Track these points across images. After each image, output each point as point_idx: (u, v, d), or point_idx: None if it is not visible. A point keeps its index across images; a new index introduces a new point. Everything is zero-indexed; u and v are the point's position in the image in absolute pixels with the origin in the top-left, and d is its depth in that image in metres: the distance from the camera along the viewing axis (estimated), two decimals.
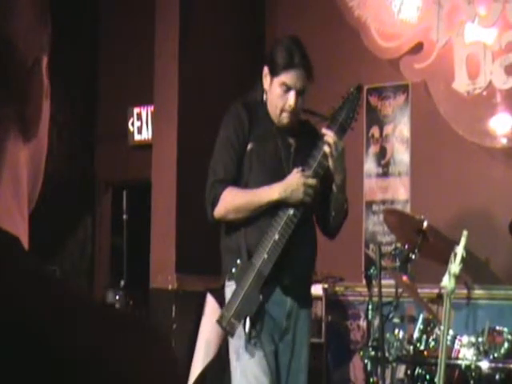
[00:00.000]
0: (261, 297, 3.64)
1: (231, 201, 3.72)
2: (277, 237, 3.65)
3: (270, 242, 3.64)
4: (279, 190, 3.68)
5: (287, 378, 3.76)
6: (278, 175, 3.74)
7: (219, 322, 3.66)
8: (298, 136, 3.84)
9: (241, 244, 3.72)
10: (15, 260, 0.77)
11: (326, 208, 3.82)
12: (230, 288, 3.73)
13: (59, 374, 0.71)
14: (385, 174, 5.94)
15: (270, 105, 3.80)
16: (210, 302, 5.53)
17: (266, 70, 3.79)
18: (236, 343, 3.69)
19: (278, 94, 3.75)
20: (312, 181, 3.71)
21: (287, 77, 3.74)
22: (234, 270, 3.67)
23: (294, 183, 3.68)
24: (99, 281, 7.57)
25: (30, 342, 0.72)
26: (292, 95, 3.74)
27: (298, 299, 3.78)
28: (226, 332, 3.67)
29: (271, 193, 3.69)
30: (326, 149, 3.70)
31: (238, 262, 3.67)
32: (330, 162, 3.71)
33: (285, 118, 3.79)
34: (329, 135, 3.71)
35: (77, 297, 0.78)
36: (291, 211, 3.69)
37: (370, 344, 4.52)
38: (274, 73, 3.76)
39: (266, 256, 3.64)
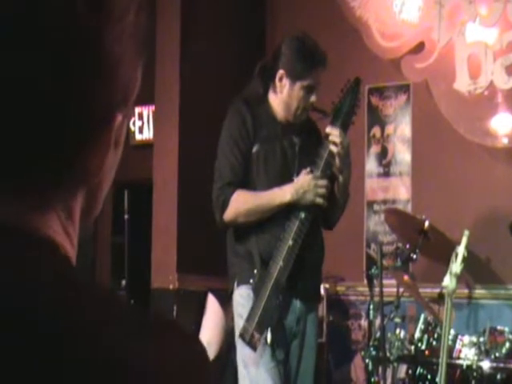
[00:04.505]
0: (279, 306, 3.58)
1: (242, 204, 3.65)
2: (291, 243, 3.58)
3: (285, 249, 3.58)
4: (291, 191, 3.63)
5: (295, 382, 3.73)
6: (286, 176, 3.70)
7: (242, 336, 3.56)
8: (302, 133, 3.81)
9: (252, 249, 3.65)
10: (48, 261, 0.79)
11: (329, 204, 3.76)
12: (238, 292, 3.67)
13: (93, 379, 0.72)
14: (386, 173, 5.94)
15: (287, 106, 3.74)
16: (212, 302, 5.54)
17: (281, 73, 3.72)
18: (244, 351, 3.61)
19: (301, 95, 3.71)
20: (322, 181, 3.67)
21: (312, 80, 3.71)
22: (251, 280, 3.60)
23: (306, 185, 3.63)
24: (100, 280, 7.57)
25: (57, 342, 0.72)
26: (315, 94, 3.73)
27: (307, 302, 3.74)
28: (249, 346, 3.55)
29: (282, 195, 3.64)
30: (334, 149, 3.66)
31: (255, 271, 3.59)
32: (337, 161, 3.69)
33: (304, 114, 3.77)
34: (334, 134, 3.68)
35: (109, 299, 0.80)
36: (303, 214, 3.63)
37: (371, 344, 4.52)
38: (296, 77, 3.70)
39: (282, 264, 3.57)
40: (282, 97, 3.75)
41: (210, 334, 5.49)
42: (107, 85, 0.81)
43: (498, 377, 4.18)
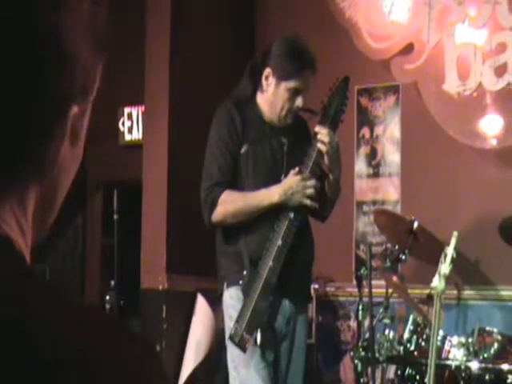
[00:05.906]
0: (269, 307, 3.56)
1: (230, 205, 3.64)
2: (280, 243, 3.57)
3: (275, 249, 3.56)
4: (279, 192, 3.62)
5: (285, 383, 3.72)
6: (275, 176, 3.69)
7: (232, 337, 3.55)
8: (290, 133, 3.79)
9: (241, 250, 3.64)
10: (4, 259, 0.77)
11: (319, 201, 3.74)
12: (228, 294, 3.67)
13: (43, 375, 0.71)
14: (375, 174, 5.95)
15: (271, 106, 3.72)
16: (201, 303, 5.53)
17: (268, 71, 3.70)
18: (235, 352, 3.60)
19: (286, 97, 3.68)
20: (311, 182, 3.65)
21: (298, 82, 3.67)
22: (241, 281, 3.58)
23: (294, 186, 3.62)
24: (90, 281, 7.56)
25: (14, 341, 0.71)
26: (301, 97, 3.70)
27: (297, 303, 3.73)
28: (239, 348, 3.54)
29: (271, 196, 3.63)
30: (322, 148, 3.65)
31: (245, 272, 3.58)
32: (327, 160, 3.68)
33: (289, 118, 3.74)
34: (323, 133, 3.66)
35: (62, 298, 0.78)
36: (291, 214, 3.62)
37: (360, 344, 4.52)
38: (282, 77, 3.67)
39: (271, 264, 3.55)
40: (268, 96, 3.72)
41: (199, 334, 5.49)
42: (62, 75, 0.80)
43: (487, 377, 4.18)
